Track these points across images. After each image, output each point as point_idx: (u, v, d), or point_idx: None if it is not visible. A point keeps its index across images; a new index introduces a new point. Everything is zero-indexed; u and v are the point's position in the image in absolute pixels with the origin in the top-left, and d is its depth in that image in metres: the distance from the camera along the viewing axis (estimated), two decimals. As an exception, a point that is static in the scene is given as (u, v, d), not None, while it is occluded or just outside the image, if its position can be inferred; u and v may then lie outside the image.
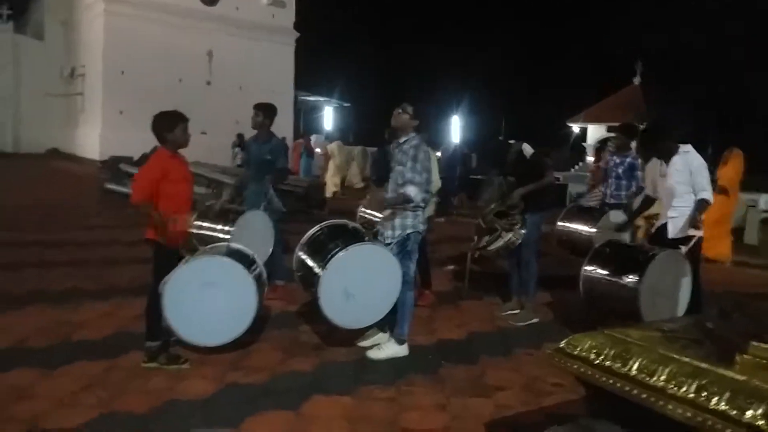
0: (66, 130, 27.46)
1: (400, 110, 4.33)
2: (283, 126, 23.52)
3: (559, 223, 6.86)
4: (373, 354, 4.35)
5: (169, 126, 3.93)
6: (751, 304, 2.33)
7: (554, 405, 3.58)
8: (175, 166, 3.92)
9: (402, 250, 4.32)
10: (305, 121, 28.85)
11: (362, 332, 4.54)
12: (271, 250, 5.65)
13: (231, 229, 5.36)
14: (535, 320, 5.36)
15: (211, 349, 4.07)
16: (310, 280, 4.29)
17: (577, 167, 20.88)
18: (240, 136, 16.85)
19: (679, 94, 20.00)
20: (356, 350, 4.45)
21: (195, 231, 5.53)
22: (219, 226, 5.37)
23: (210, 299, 3.86)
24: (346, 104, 27.93)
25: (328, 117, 26.95)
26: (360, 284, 4.13)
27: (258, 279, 4.21)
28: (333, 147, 15.73)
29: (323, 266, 4.08)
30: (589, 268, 4.67)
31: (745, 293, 6.16)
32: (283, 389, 3.74)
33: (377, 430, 3.30)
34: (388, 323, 4.47)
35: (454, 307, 5.81)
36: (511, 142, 5.69)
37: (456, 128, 22.18)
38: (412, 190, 4.20)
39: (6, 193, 13.35)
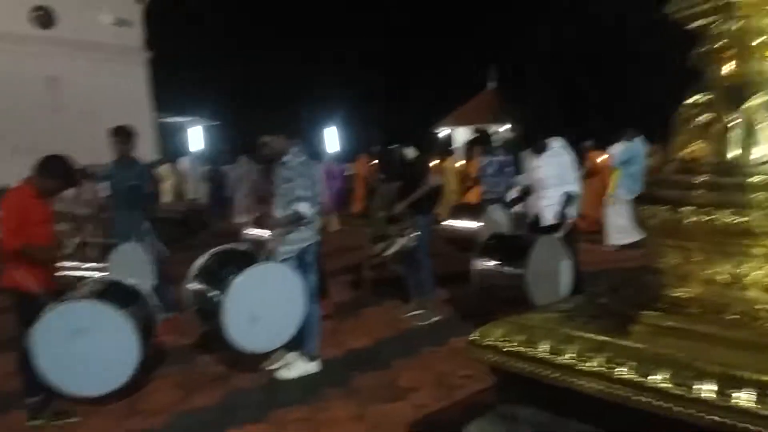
0: None
1: (268, 138, 4.30)
2: (145, 150, 22.28)
3: (446, 221, 7.14)
4: (284, 374, 4.24)
5: (58, 173, 3.65)
6: (636, 278, 2.55)
7: (467, 397, 3.69)
8: (37, 207, 3.59)
9: (301, 263, 4.27)
10: (171, 143, 27.51)
11: (267, 355, 4.40)
12: (151, 283, 5.31)
13: (105, 265, 4.97)
14: (436, 318, 5.51)
15: (102, 396, 3.74)
16: (209, 310, 4.08)
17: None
18: (83, 168, 15.97)
19: (528, 93, 21.72)
20: (263, 374, 4.31)
21: (65, 273, 5.11)
22: (89, 265, 4.96)
23: (85, 347, 3.54)
24: (215, 123, 26.99)
25: (196, 137, 25.90)
26: (265, 305, 4.01)
27: (141, 313, 3.93)
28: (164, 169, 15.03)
29: (223, 293, 3.90)
30: (479, 260, 4.90)
31: (625, 269, 6.76)
32: (188, 429, 3.52)
33: (297, 452, 3.22)
34: (293, 341, 4.38)
35: (357, 316, 5.82)
36: (393, 147, 5.82)
37: (334, 139, 22.28)
38: (304, 207, 4.17)
39: None
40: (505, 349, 2.30)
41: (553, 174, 5.07)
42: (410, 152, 5.62)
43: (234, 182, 12.77)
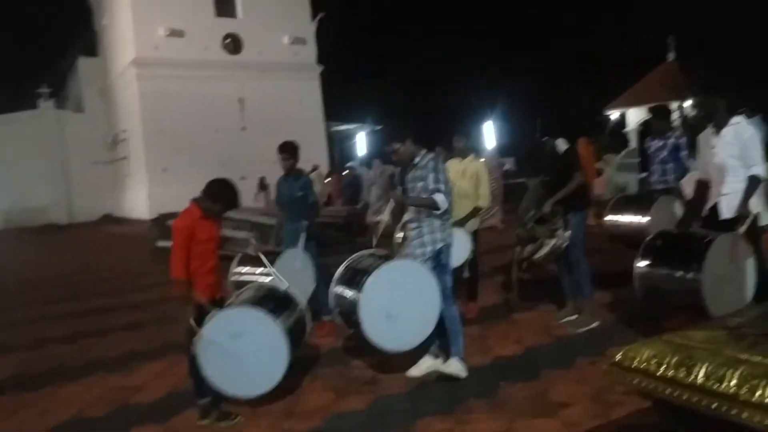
0: (116, 194, 28.61)
1: (399, 144, 4.27)
2: (317, 157, 23.84)
3: (608, 216, 6.56)
4: (444, 369, 4.23)
5: (222, 197, 3.95)
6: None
7: (625, 416, 3.33)
8: (204, 227, 3.92)
9: (437, 264, 4.23)
10: (340, 149, 29.12)
11: (414, 362, 4.39)
12: (313, 287, 5.60)
13: (273, 270, 5.34)
14: (595, 324, 5.08)
15: (262, 399, 3.99)
16: (351, 311, 4.20)
17: (621, 155, 20.20)
18: (262, 179, 17.52)
19: (717, 66, 19.13)
20: (409, 381, 4.29)
21: (235, 278, 5.59)
22: (258, 271, 5.35)
23: (241, 350, 3.79)
24: (377, 127, 28.05)
25: (362, 142, 27.11)
26: (400, 303, 4.05)
27: (291, 318, 4.14)
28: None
29: (359, 290, 4.02)
30: (641, 264, 4.38)
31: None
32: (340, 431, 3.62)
33: (439, 465, 3.14)
34: (439, 346, 4.33)
35: (506, 321, 5.59)
36: (545, 139, 5.44)
37: (491, 133, 21.89)
38: (439, 197, 4.11)
39: (62, 262, 13.87)
40: (655, 373, 2.01)
41: (731, 154, 4.36)
42: (561, 144, 5.23)
43: (368, 185, 13.10)
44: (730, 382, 1.80)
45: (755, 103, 9.55)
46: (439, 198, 4.11)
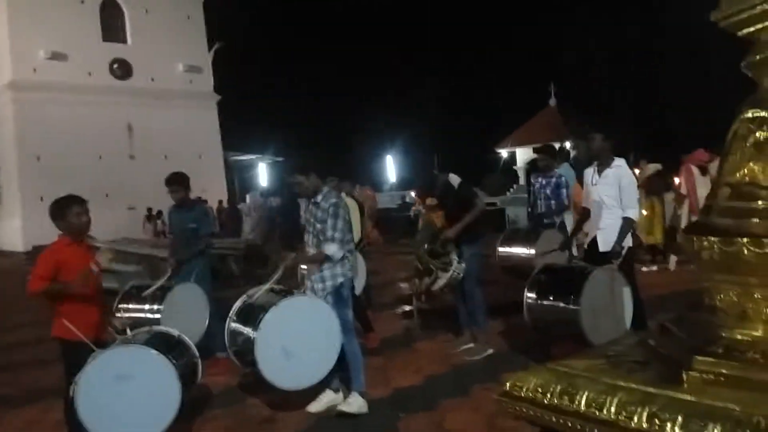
0: (-12, 224, 26.03)
1: (301, 178, 4.29)
2: (216, 188, 23.11)
3: (499, 249, 6.87)
4: (344, 408, 4.14)
5: (60, 213, 3.70)
6: (690, 315, 2.27)
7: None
8: (74, 255, 3.66)
9: (338, 299, 4.22)
10: (240, 180, 28.47)
11: (313, 397, 4.30)
12: (207, 322, 5.37)
13: (160, 307, 5.06)
14: (489, 351, 5.25)
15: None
16: (247, 349, 4.05)
17: (511, 190, 21.39)
18: (149, 209, 17.12)
19: (593, 109, 20.98)
20: (308, 417, 4.20)
21: (121, 316, 5.23)
22: (147, 307, 5.05)
23: (128, 393, 3.52)
24: (279, 159, 27.76)
25: (263, 174, 26.69)
26: (298, 340, 3.95)
27: (181, 360, 3.92)
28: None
29: (255, 328, 3.88)
30: (529, 295, 4.64)
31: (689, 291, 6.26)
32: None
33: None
34: (340, 380, 4.28)
35: (407, 350, 5.66)
36: (436, 173, 5.65)
37: (391, 167, 22.39)
38: (332, 248, 4.15)
39: None
40: (541, 401, 2.09)
41: (610, 194, 4.74)
42: (453, 179, 5.42)
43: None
44: (609, 408, 1.90)
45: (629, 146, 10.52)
46: (331, 250, 4.14)
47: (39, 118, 21.97)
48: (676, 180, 9.27)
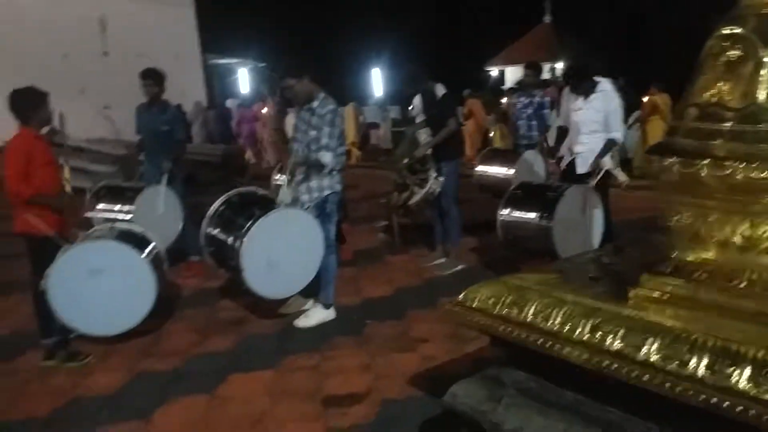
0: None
1: (294, 80, 4.08)
2: (194, 92, 22.42)
3: (478, 168, 6.88)
4: (301, 323, 4.21)
5: (37, 103, 3.58)
6: (647, 236, 2.31)
7: (478, 350, 3.57)
8: (40, 150, 3.58)
9: (321, 212, 4.16)
10: (221, 85, 27.59)
11: (284, 301, 4.39)
12: (181, 225, 5.38)
13: (131, 208, 5.04)
14: (460, 267, 5.35)
15: (118, 338, 3.83)
16: (226, 255, 4.07)
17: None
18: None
19: (588, 27, 20.31)
20: (279, 321, 4.31)
21: (91, 215, 5.21)
22: (117, 207, 5.03)
23: (102, 287, 3.60)
24: (261, 64, 26.80)
25: (244, 79, 25.88)
26: (282, 251, 3.96)
27: (154, 258, 3.96)
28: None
29: (241, 237, 3.85)
30: (504, 211, 4.68)
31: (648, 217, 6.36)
32: (199, 372, 3.57)
33: (299, 401, 3.21)
34: (311, 289, 4.35)
35: (380, 263, 5.74)
36: (425, 77, 5.34)
37: (378, 81, 21.86)
38: (327, 157, 4.03)
39: None
40: (492, 311, 2.16)
41: (595, 119, 4.68)
42: (439, 89, 5.21)
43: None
44: (555, 320, 1.97)
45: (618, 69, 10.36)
46: (326, 158, 4.01)
47: (3, 9, 20.77)
48: None
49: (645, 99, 9.81)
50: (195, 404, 3.20)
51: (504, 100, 11.86)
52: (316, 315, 4.26)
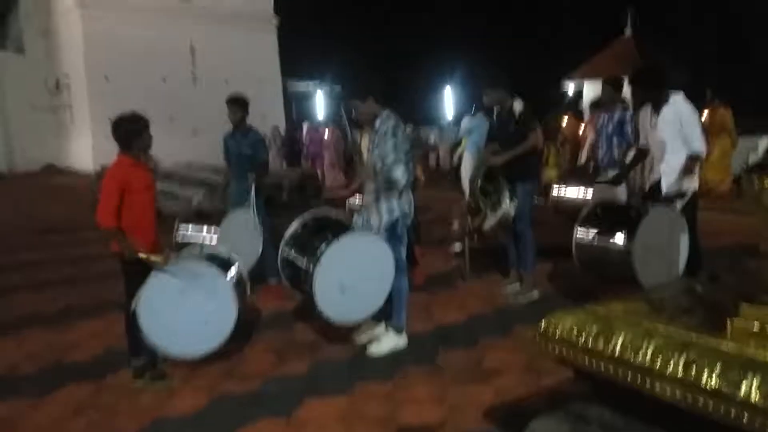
0: (59, 144, 27.17)
1: (360, 102, 4.14)
2: (274, 116, 23.22)
3: (555, 189, 6.68)
4: (373, 349, 4.20)
5: (139, 130, 3.76)
6: (742, 264, 2.15)
7: (555, 383, 3.44)
8: (137, 176, 3.77)
9: (392, 235, 4.16)
10: (298, 108, 28.43)
11: (358, 327, 4.40)
12: (261, 248, 5.54)
13: (217, 230, 5.25)
14: (535, 294, 5.19)
15: (201, 360, 3.95)
16: (300, 278, 4.14)
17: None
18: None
19: (673, 41, 19.42)
20: (353, 346, 4.32)
21: (180, 236, 5.47)
22: (204, 230, 5.24)
23: (188, 309, 3.72)
24: (336, 86, 27.44)
25: (320, 102, 26.54)
26: (355, 276, 3.98)
27: (237, 280, 4.08)
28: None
29: (315, 261, 3.90)
30: (579, 233, 4.49)
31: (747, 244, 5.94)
32: (276, 395, 3.63)
33: (373, 429, 3.19)
34: (383, 314, 4.34)
35: (453, 289, 5.68)
36: (508, 89, 5.15)
37: (449, 100, 21.82)
38: (398, 172, 4.01)
39: (0, 213, 13.27)
40: (576, 342, 2.07)
41: (672, 134, 4.44)
42: (518, 105, 5.03)
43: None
44: (645, 353, 1.85)
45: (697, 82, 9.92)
46: (397, 172, 3.98)
47: (106, 36, 22.31)
48: None
49: (705, 111, 9.33)
50: (273, 427, 3.25)
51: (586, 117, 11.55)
52: (388, 341, 4.23)
